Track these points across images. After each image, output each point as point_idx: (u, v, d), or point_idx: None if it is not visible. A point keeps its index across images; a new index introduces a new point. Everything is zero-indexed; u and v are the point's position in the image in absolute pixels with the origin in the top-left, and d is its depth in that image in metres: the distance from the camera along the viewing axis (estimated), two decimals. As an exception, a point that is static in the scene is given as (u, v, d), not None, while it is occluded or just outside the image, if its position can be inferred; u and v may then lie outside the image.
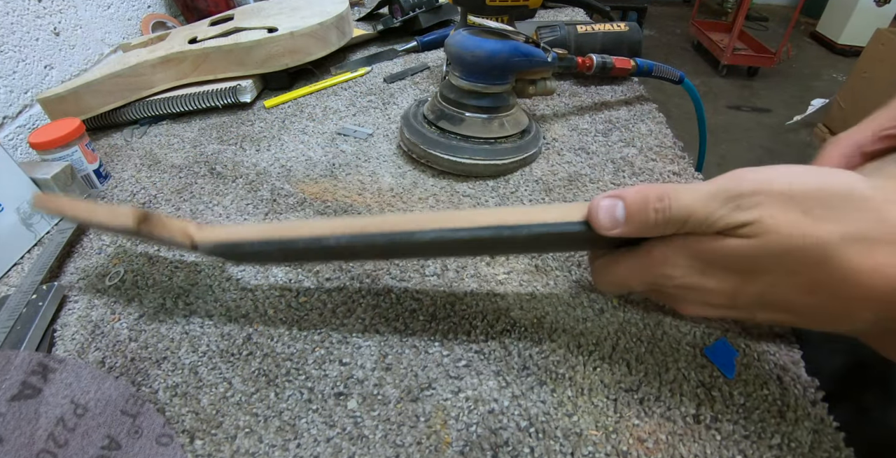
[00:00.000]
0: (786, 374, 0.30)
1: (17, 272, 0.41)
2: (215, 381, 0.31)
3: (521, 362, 0.32)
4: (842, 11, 3.06)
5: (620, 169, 0.49)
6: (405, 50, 0.75)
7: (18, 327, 0.34)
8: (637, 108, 0.60)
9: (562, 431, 0.28)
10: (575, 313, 0.34)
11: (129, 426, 0.28)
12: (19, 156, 0.58)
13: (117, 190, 0.50)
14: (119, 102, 0.59)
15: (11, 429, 0.27)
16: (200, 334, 0.34)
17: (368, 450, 0.28)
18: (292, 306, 0.36)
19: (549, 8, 0.94)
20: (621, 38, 0.65)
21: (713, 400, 0.29)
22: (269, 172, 0.51)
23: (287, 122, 0.59)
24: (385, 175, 0.49)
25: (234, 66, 0.61)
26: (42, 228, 0.44)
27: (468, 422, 0.29)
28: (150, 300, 0.37)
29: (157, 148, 0.56)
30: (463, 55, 0.44)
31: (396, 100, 0.63)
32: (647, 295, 0.34)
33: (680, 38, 3.43)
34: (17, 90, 0.58)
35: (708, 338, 0.32)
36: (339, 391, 0.30)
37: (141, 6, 0.80)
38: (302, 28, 0.60)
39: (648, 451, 0.27)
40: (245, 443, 0.28)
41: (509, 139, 0.49)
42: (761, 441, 0.27)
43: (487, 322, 0.34)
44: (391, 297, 0.36)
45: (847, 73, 2.44)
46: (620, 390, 0.30)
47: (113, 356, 0.33)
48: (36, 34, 0.60)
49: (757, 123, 2.40)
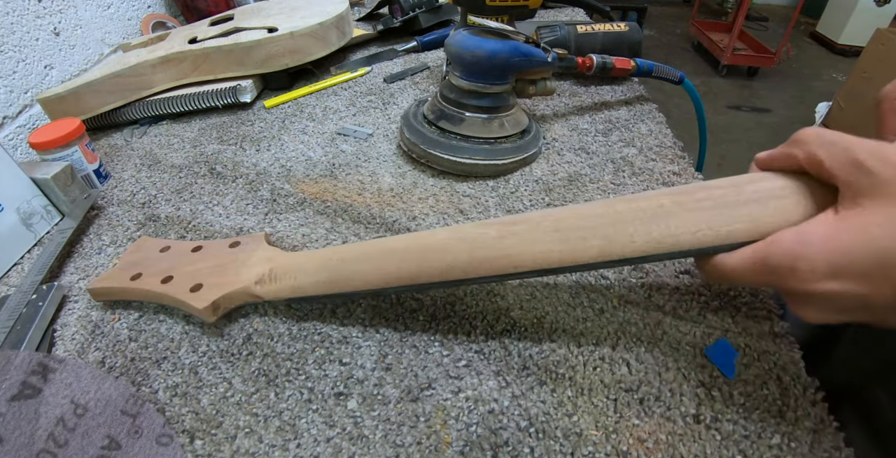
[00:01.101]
0: (786, 374, 0.30)
1: (17, 272, 0.41)
2: (215, 381, 0.31)
3: (521, 362, 0.31)
4: (842, 11, 3.06)
5: (620, 169, 0.49)
6: (405, 50, 0.75)
7: (18, 327, 0.34)
8: (637, 108, 0.60)
9: (562, 431, 0.28)
10: (575, 313, 0.34)
11: (129, 426, 0.28)
12: (19, 156, 0.58)
13: (117, 190, 0.50)
14: (119, 102, 0.59)
15: (11, 429, 0.27)
16: (200, 334, 0.34)
17: (368, 450, 0.28)
18: (292, 306, 0.36)
19: (549, 8, 0.94)
20: (621, 39, 0.65)
21: (713, 400, 0.29)
22: (269, 172, 0.51)
23: (287, 122, 0.59)
24: (385, 175, 0.49)
25: (234, 66, 0.61)
26: (42, 228, 0.44)
27: (468, 422, 0.29)
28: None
29: (157, 148, 0.56)
30: (463, 55, 0.44)
31: (396, 100, 0.63)
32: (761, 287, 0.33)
33: (680, 38, 3.43)
34: (17, 90, 0.58)
35: (708, 338, 0.32)
36: (339, 391, 0.30)
37: (141, 6, 0.80)
38: (302, 28, 0.60)
39: (648, 451, 0.27)
40: (245, 443, 0.28)
41: (509, 139, 0.49)
42: (761, 441, 0.27)
43: (487, 322, 0.34)
44: (391, 297, 0.36)
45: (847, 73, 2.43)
46: (620, 390, 0.30)
47: (113, 356, 0.33)
48: (36, 34, 0.60)
49: (757, 123, 2.40)
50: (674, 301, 0.35)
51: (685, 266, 0.38)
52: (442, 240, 0.29)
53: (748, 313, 0.34)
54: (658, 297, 0.35)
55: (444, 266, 0.28)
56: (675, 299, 0.35)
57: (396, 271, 0.29)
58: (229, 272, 0.34)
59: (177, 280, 0.34)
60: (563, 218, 0.27)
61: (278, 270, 0.33)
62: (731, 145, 2.21)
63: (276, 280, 0.33)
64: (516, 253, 0.27)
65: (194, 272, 0.34)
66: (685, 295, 0.35)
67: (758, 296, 0.35)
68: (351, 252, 0.32)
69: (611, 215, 0.26)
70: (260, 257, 0.35)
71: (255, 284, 0.33)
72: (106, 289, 0.35)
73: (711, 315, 0.34)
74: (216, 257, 0.35)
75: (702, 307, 0.34)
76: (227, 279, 0.33)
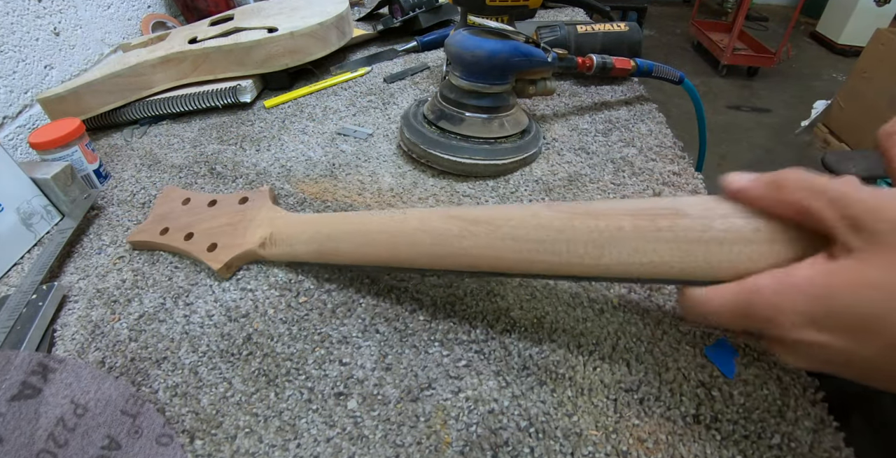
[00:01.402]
0: (786, 374, 0.30)
1: (17, 272, 0.41)
2: (215, 381, 0.31)
3: (521, 362, 0.32)
4: (842, 11, 3.06)
5: (620, 169, 0.49)
6: (405, 50, 0.75)
7: (18, 327, 0.34)
8: (637, 108, 0.60)
9: (562, 431, 0.28)
10: (575, 313, 0.34)
11: (129, 426, 0.28)
12: (19, 156, 0.58)
13: (117, 190, 0.50)
14: (119, 102, 0.59)
15: (11, 429, 0.27)
16: (200, 334, 0.34)
17: (368, 450, 0.28)
18: (292, 306, 0.36)
19: (549, 8, 0.94)
20: (621, 39, 0.65)
21: (713, 400, 0.29)
22: (269, 172, 0.51)
23: (287, 122, 0.59)
24: (385, 175, 0.49)
25: (234, 66, 0.61)
26: (42, 228, 0.44)
27: (468, 422, 0.29)
28: (150, 300, 0.37)
29: (157, 148, 0.56)
30: (463, 55, 0.44)
31: (396, 100, 0.63)
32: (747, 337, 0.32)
33: (680, 38, 3.43)
34: (17, 90, 0.58)
35: (708, 338, 0.32)
36: (339, 391, 0.30)
37: (141, 6, 0.80)
38: (302, 28, 0.60)
39: (648, 451, 0.27)
40: (245, 443, 0.28)
41: (509, 139, 0.49)
42: (761, 441, 0.27)
43: (487, 322, 0.34)
44: (391, 297, 0.36)
45: (847, 73, 2.43)
46: (620, 390, 0.30)
47: (113, 356, 0.33)
48: (36, 34, 0.60)
49: (757, 123, 2.40)
50: (674, 301, 0.35)
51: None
52: (412, 231, 0.31)
53: (748, 313, 0.34)
54: (658, 297, 0.35)
55: (412, 256, 0.31)
56: (676, 299, 0.35)
57: (374, 253, 0.33)
58: (238, 233, 0.39)
59: (197, 238, 0.40)
60: (523, 225, 0.27)
61: (277, 235, 0.38)
62: (731, 145, 2.21)
63: (275, 245, 0.38)
64: (473, 254, 0.28)
65: (210, 231, 0.40)
66: (685, 295, 0.35)
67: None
68: (337, 228, 0.35)
69: (567, 232, 0.26)
70: (263, 218, 0.40)
71: (259, 247, 0.38)
72: (141, 242, 0.42)
73: (711, 315, 0.34)
74: (228, 215, 0.41)
75: (702, 307, 0.34)
76: (236, 241, 0.39)
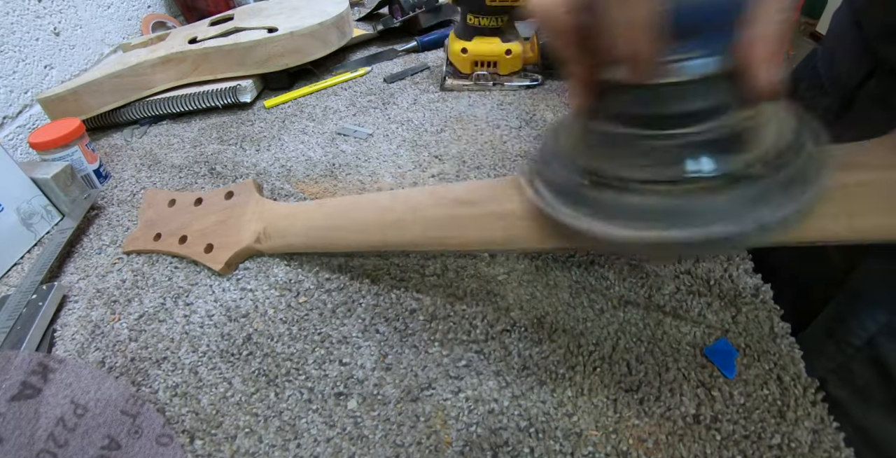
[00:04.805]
0: (786, 374, 0.30)
1: (17, 272, 0.41)
2: (215, 381, 0.31)
3: (521, 362, 0.31)
4: (842, 11, 3.06)
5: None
6: (405, 50, 0.75)
7: (18, 327, 0.34)
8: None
9: (562, 431, 0.28)
10: (575, 313, 0.34)
11: (129, 426, 0.28)
12: (19, 156, 0.58)
13: (117, 190, 0.50)
14: (119, 102, 0.59)
15: (11, 429, 0.27)
16: (200, 334, 0.34)
17: (368, 450, 0.28)
18: (292, 306, 0.36)
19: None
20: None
21: (713, 400, 0.29)
22: (269, 172, 0.51)
23: (287, 122, 0.59)
24: (385, 175, 0.49)
25: (234, 66, 0.61)
26: (42, 228, 0.44)
27: (468, 422, 0.29)
28: (150, 300, 0.37)
29: (157, 148, 0.56)
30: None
31: (396, 100, 0.63)
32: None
33: (680, 39, 3.43)
34: (17, 90, 0.58)
35: (708, 338, 0.32)
36: (339, 391, 0.30)
37: (141, 6, 0.80)
38: (302, 28, 0.60)
39: (648, 451, 0.27)
40: (245, 443, 0.28)
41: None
42: (761, 441, 0.27)
43: (487, 322, 0.34)
44: (391, 297, 0.36)
45: (847, 73, 2.43)
46: (620, 390, 0.30)
47: (113, 356, 0.33)
48: (36, 34, 0.60)
49: (757, 123, 2.40)
50: (674, 301, 0.35)
51: (685, 266, 0.37)
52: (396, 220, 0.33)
53: (748, 313, 0.34)
54: (658, 297, 0.35)
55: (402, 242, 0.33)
56: (676, 299, 0.35)
57: (366, 241, 0.34)
58: (232, 231, 0.39)
59: (191, 241, 0.40)
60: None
61: (270, 229, 0.38)
62: (731, 145, 2.21)
63: (269, 238, 0.38)
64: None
65: (203, 231, 0.40)
66: (685, 295, 0.35)
67: (758, 296, 0.35)
68: (327, 219, 0.36)
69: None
70: (253, 212, 0.40)
71: (255, 242, 0.38)
72: (137, 250, 0.42)
73: (711, 315, 0.34)
74: (216, 213, 0.41)
75: (702, 307, 0.34)
76: (231, 239, 0.39)
